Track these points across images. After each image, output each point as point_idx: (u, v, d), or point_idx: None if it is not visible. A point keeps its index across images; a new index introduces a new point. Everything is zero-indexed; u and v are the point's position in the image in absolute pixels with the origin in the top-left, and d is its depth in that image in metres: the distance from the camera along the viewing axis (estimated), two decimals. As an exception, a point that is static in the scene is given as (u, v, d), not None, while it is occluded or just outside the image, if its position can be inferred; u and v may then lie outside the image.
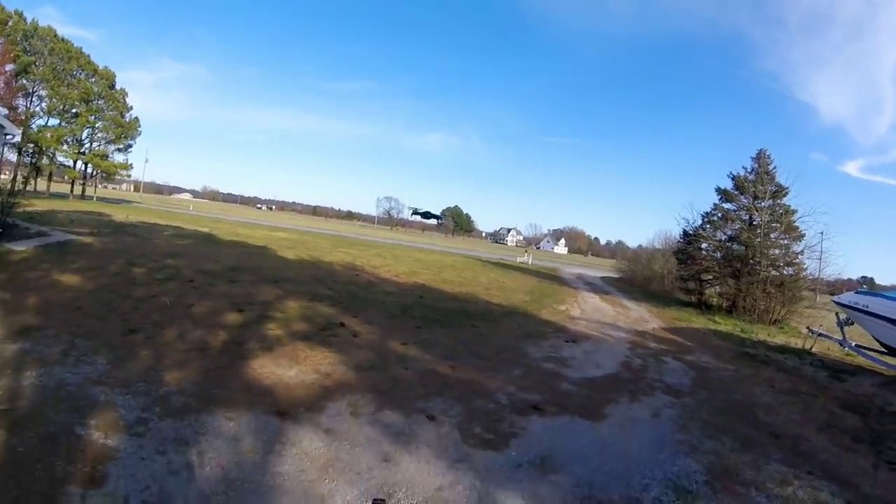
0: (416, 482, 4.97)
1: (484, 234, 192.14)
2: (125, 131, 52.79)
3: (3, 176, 29.75)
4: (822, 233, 25.20)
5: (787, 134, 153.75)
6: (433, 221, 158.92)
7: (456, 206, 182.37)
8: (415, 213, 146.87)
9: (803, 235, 25.65)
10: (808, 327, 17.82)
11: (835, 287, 29.87)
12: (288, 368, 7.72)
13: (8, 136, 15.90)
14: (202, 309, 10.57)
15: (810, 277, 25.67)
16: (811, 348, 15.95)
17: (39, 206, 28.97)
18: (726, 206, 28.20)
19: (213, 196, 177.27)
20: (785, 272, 25.32)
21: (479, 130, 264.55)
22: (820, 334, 16.25)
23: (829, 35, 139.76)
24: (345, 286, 15.89)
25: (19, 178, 39.69)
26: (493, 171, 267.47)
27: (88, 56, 50.28)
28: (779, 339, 18.33)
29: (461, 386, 7.96)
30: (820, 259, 25.49)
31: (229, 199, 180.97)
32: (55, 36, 47.25)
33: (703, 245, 28.62)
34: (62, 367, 6.66)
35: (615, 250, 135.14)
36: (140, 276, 12.89)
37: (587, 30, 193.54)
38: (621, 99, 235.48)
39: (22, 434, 4.91)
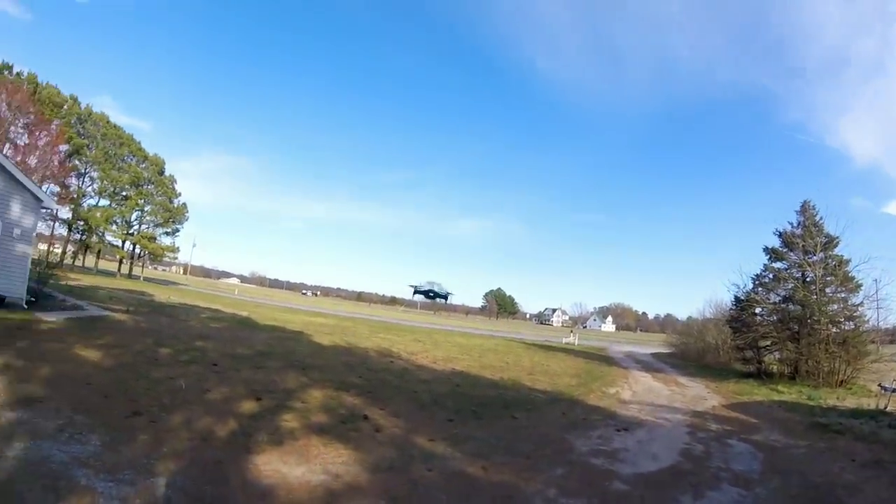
0: None
1: (528, 316, 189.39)
2: (173, 215, 54.88)
3: (42, 247, 30.99)
4: (875, 280, 23.43)
5: (823, 183, 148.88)
6: (442, 301, 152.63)
7: (499, 288, 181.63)
8: (416, 291, 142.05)
9: (860, 285, 24.05)
10: (879, 384, 16.25)
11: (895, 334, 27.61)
12: (295, 466, 6.85)
13: (45, 210, 16.45)
14: (217, 395, 9.95)
15: (872, 329, 23.65)
16: (886, 407, 14.32)
17: (84, 280, 29.72)
18: (776, 265, 26.81)
19: (261, 281, 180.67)
20: (845, 327, 23.56)
21: (515, 214, 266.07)
22: (894, 390, 14.62)
23: (848, 76, 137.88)
24: (376, 374, 15.10)
25: (60, 251, 41.38)
26: (533, 253, 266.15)
27: (139, 143, 53.12)
28: (849, 401, 16.63)
29: (492, 491, 6.89)
30: (877, 308, 23.58)
31: (276, 284, 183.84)
32: (108, 122, 50.15)
33: (757, 310, 27.10)
34: (53, 442, 6.17)
35: (664, 324, 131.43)
36: (163, 357, 12.54)
37: (612, 105, 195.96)
38: (652, 171, 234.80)
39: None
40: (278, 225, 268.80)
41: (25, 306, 15.29)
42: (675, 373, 26.97)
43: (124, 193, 50.91)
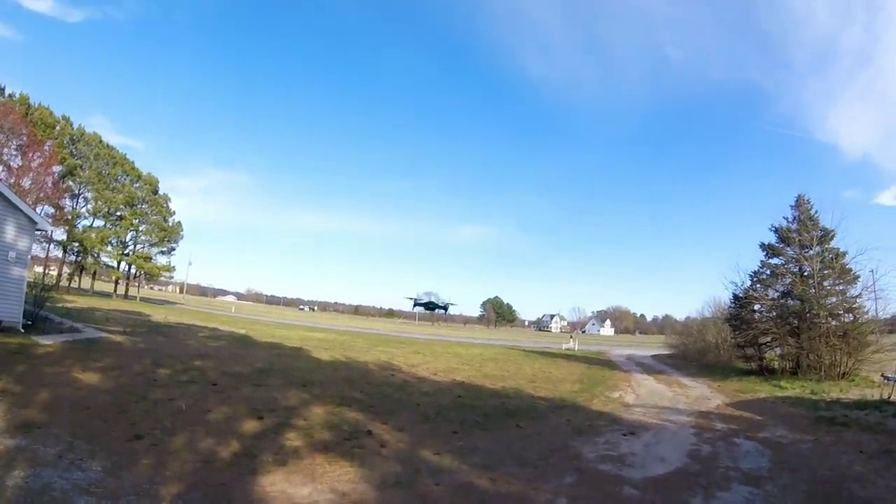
0: None
1: (527, 323, 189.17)
2: (168, 234, 54.98)
3: (37, 269, 30.81)
4: (871, 271, 23.48)
5: (815, 177, 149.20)
6: (443, 312, 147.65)
7: (496, 296, 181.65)
8: (416, 304, 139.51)
9: (858, 277, 24.04)
10: (882, 374, 16.20)
11: (894, 324, 27.57)
12: (301, 486, 6.78)
13: (39, 232, 16.28)
14: (219, 415, 9.86)
15: (872, 320, 23.67)
16: (889, 396, 14.31)
17: (80, 302, 29.55)
18: (773, 261, 26.75)
19: (257, 298, 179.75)
20: (845, 319, 23.61)
21: (514, 219, 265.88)
22: None
23: (835, 69, 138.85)
24: (378, 388, 14.99)
25: (55, 273, 41.62)
26: (531, 259, 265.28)
27: (133, 162, 53.27)
28: (853, 393, 16.64)
29: (502, 502, 6.82)
30: (875, 298, 23.61)
31: (273, 300, 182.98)
32: (100, 142, 50.11)
33: (756, 306, 26.97)
34: (53, 469, 6.08)
35: (663, 325, 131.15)
36: (162, 378, 12.43)
37: (605, 107, 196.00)
38: (646, 170, 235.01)
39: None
40: (275, 240, 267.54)
41: (22, 330, 15.18)
42: (676, 374, 26.93)
43: (119, 213, 51.06)
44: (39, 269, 32.83)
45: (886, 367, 17.91)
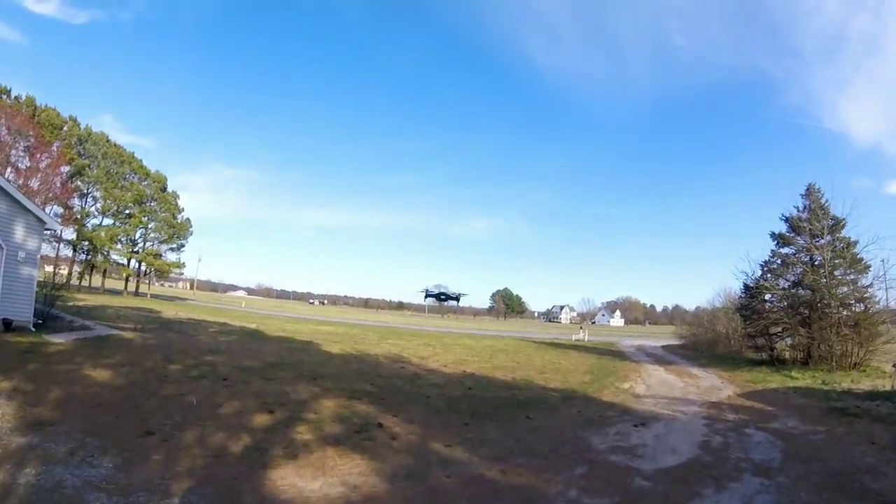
0: None
1: (536, 314, 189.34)
2: (177, 231, 55.49)
3: (48, 269, 31.19)
4: (882, 260, 23.24)
5: (825, 165, 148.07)
6: (454, 303, 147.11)
7: (506, 288, 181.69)
8: (428, 295, 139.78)
9: (869, 267, 23.80)
10: (893, 364, 16.12)
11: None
12: (311, 480, 6.81)
13: (48, 232, 16.48)
14: (229, 409, 9.92)
15: (883, 310, 23.50)
16: None
17: (91, 300, 29.79)
18: (784, 250, 26.48)
19: (268, 293, 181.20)
20: (856, 309, 23.44)
21: (521, 210, 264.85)
22: None
23: (845, 56, 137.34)
24: (388, 380, 15.03)
25: (66, 272, 42.23)
26: (540, 250, 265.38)
27: (140, 161, 53.74)
28: (864, 384, 16.56)
29: (513, 495, 6.80)
30: (886, 288, 23.44)
31: (283, 295, 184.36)
32: (108, 141, 50.60)
33: (767, 296, 26.72)
34: (65, 466, 6.13)
35: (672, 315, 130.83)
36: (173, 374, 12.50)
37: (612, 97, 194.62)
38: (655, 161, 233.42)
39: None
40: (284, 235, 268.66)
41: (34, 329, 15.29)
42: (686, 364, 26.80)
43: (128, 212, 51.64)
44: (50, 269, 33.13)
45: None
